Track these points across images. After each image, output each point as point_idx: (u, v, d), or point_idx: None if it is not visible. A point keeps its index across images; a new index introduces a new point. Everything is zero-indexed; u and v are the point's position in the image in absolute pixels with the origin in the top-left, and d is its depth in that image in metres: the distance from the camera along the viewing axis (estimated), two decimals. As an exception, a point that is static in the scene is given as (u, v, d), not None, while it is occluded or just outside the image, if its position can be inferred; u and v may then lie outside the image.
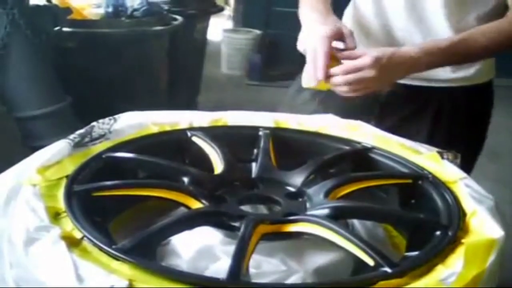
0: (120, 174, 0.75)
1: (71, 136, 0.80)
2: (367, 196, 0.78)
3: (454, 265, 0.57)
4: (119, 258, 0.55)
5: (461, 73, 1.09)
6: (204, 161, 0.82)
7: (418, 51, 0.95)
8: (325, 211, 0.67)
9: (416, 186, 0.77)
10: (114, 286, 0.51)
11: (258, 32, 4.61)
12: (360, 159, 0.85)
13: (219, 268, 0.61)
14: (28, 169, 0.71)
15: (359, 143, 0.87)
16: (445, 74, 1.09)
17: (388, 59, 0.92)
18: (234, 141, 0.87)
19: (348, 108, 1.04)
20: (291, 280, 0.62)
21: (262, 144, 0.86)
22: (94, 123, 0.86)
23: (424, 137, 1.07)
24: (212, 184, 0.75)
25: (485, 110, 1.17)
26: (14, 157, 0.76)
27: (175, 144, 0.87)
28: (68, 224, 0.61)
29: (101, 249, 0.57)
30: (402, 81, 1.08)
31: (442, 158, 0.82)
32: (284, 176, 0.80)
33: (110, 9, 2.62)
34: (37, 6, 2.32)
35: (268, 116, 0.98)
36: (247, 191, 0.77)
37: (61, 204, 0.65)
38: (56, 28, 2.32)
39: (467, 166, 0.86)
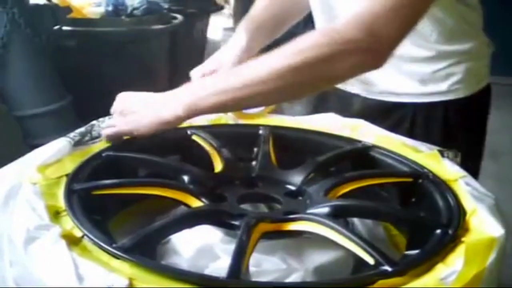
0: (120, 173, 0.75)
1: (71, 135, 0.81)
2: (367, 195, 0.77)
3: (454, 264, 0.57)
4: (119, 257, 0.55)
5: (430, 87, 1.01)
6: (204, 160, 0.82)
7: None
8: (325, 210, 0.67)
9: (416, 185, 0.76)
10: (114, 285, 0.51)
11: (258, 30, 4.59)
12: (360, 158, 0.85)
13: (219, 266, 0.61)
14: (28, 167, 0.71)
15: (359, 141, 0.87)
16: (412, 88, 1.01)
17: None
18: (234, 139, 0.87)
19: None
20: (291, 278, 0.62)
21: (262, 142, 0.86)
22: (94, 122, 0.86)
23: None
24: (212, 182, 0.75)
25: (471, 122, 1.07)
26: (15, 156, 0.75)
27: (175, 143, 0.87)
28: (68, 223, 0.61)
29: (101, 247, 0.57)
30: (371, 97, 1.04)
31: (443, 156, 0.82)
32: (284, 174, 0.80)
33: (110, 8, 2.62)
34: (37, 5, 2.32)
35: (269, 116, 0.99)
36: (247, 189, 0.77)
37: (61, 202, 0.65)
38: (56, 27, 2.32)
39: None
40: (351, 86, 1.06)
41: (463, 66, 1.00)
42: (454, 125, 1.02)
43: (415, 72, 1.00)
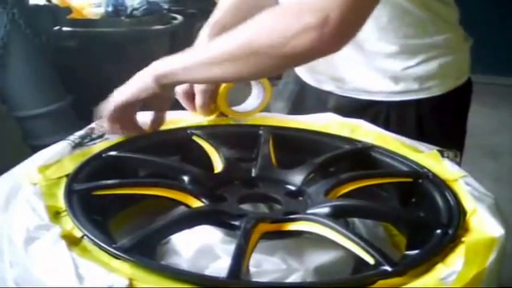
0: (120, 173, 0.75)
1: (71, 138, 0.81)
2: (367, 195, 0.78)
3: (455, 264, 0.57)
4: (119, 257, 0.55)
5: (402, 86, 0.99)
6: (204, 160, 0.82)
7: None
8: (326, 210, 0.67)
9: (416, 185, 0.76)
10: (114, 285, 0.51)
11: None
12: (360, 158, 0.85)
13: (219, 267, 0.61)
14: (28, 169, 0.71)
15: (359, 141, 0.87)
16: (384, 86, 1.00)
17: None
18: (234, 139, 0.87)
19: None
20: (291, 278, 0.62)
21: (262, 142, 0.86)
22: (93, 125, 0.86)
23: None
24: (212, 183, 0.75)
25: (448, 121, 1.05)
26: (14, 156, 0.76)
27: (175, 143, 0.87)
28: (68, 223, 0.61)
29: (101, 248, 0.57)
30: (344, 94, 1.04)
31: (443, 156, 0.82)
32: (284, 174, 0.80)
33: (110, 8, 2.62)
34: (37, 6, 2.32)
35: (268, 115, 0.99)
36: (247, 189, 0.77)
37: (61, 203, 0.65)
38: (56, 28, 2.32)
39: None
40: (325, 83, 1.07)
41: (436, 63, 0.99)
42: (429, 124, 1.01)
43: (386, 69, 0.99)
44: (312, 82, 1.11)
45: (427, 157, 0.82)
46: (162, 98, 0.85)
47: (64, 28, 2.36)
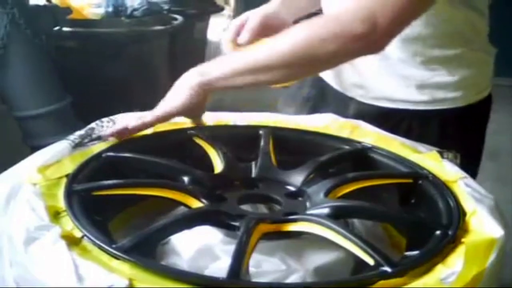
0: (120, 174, 0.75)
1: (71, 137, 0.81)
2: (367, 196, 0.78)
3: (454, 265, 0.57)
4: (119, 257, 0.55)
5: (426, 95, 0.99)
6: (204, 161, 0.82)
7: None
8: (325, 211, 0.67)
9: (416, 186, 0.76)
10: (114, 286, 0.51)
11: (258, 31, 4.59)
12: (360, 159, 0.85)
13: (219, 267, 0.61)
14: (28, 168, 0.71)
15: (359, 142, 0.87)
16: (408, 95, 0.99)
17: None
18: (234, 140, 0.87)
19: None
20: (291, 279, 0.62)
21: (262, 143, 0.86)
22: (93, 125, 0.86)
23: None
24: (212, 183, 0.75)
25: (469, 132, 1.04)
26: (14, 156, 0.76)
27: (175, 144, 0.87)
28: (68, 223, 0.61)
29: (101, 248, 0.57)
30: (366, 101, 1.04)
31: (442, 157, 0.82)
32: (284, 175, 0.80)
33: (110, 9, 2.62)
34: (37, 6, 2.32)
35: (268, 116, 0.99)
36: (247, 190, 0.77)
37: (61, 203, 0.65)
38: (56, 28, 2.32)
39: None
40: (348, 90, 1.06)
41: (461, 74, 0.99)
42: (451, 134, 1.01)
43: (410, 77, 0.98)
44: (336, 85, 1.09)
45: (427, 158, 0.82)
46: (201, 106, 0.86)
47: (64, 29, 2.36)
